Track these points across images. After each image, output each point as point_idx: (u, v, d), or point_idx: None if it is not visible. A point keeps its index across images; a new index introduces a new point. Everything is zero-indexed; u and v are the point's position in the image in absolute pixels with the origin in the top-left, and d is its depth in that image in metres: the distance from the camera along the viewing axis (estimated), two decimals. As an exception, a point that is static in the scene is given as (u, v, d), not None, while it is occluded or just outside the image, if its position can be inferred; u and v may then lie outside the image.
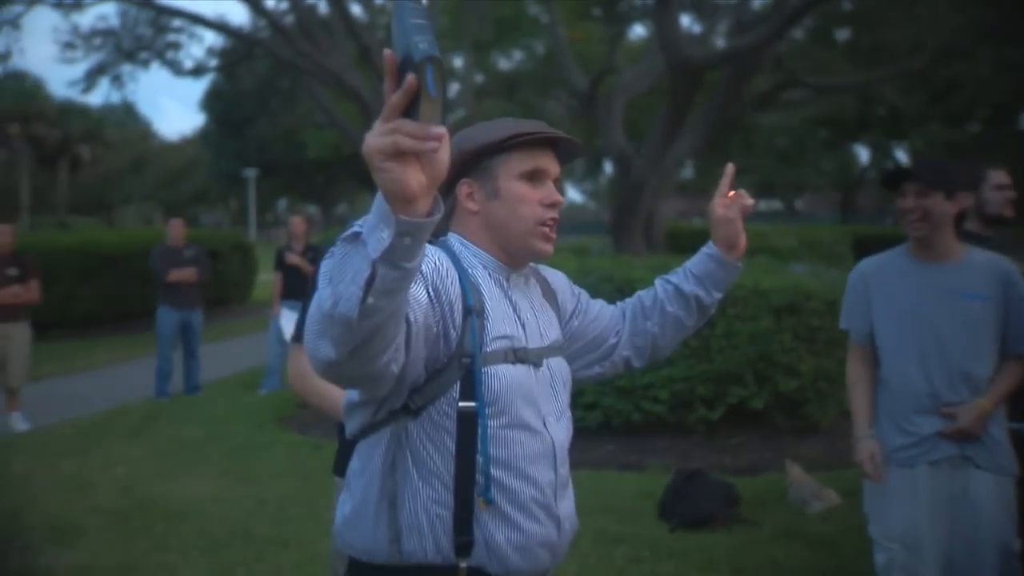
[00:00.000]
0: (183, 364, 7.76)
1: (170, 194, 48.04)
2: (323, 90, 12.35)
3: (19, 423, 6.65)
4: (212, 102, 37.60)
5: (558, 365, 1.60)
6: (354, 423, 1.48)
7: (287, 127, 32.23)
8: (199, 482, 5.30)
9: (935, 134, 32.93)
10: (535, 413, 1.50)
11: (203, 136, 42.86)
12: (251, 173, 29.40)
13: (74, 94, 55.44)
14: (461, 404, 1.41)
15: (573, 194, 50.51)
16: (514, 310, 1.53)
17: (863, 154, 41.88)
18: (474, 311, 1.43)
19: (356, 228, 1.11)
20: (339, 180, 38.94)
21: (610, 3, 15.33)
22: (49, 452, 5.98)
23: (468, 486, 1.41)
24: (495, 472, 1.43)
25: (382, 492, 1.43)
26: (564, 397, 1.58)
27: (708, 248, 1.81)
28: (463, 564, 1.42)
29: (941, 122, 33.36)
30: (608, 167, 41.53)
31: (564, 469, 1.54)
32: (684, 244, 10.29)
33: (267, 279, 16.57)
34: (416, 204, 1.05)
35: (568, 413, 1.60)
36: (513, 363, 1.48)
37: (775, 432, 5.78)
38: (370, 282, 1.08)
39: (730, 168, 1.79)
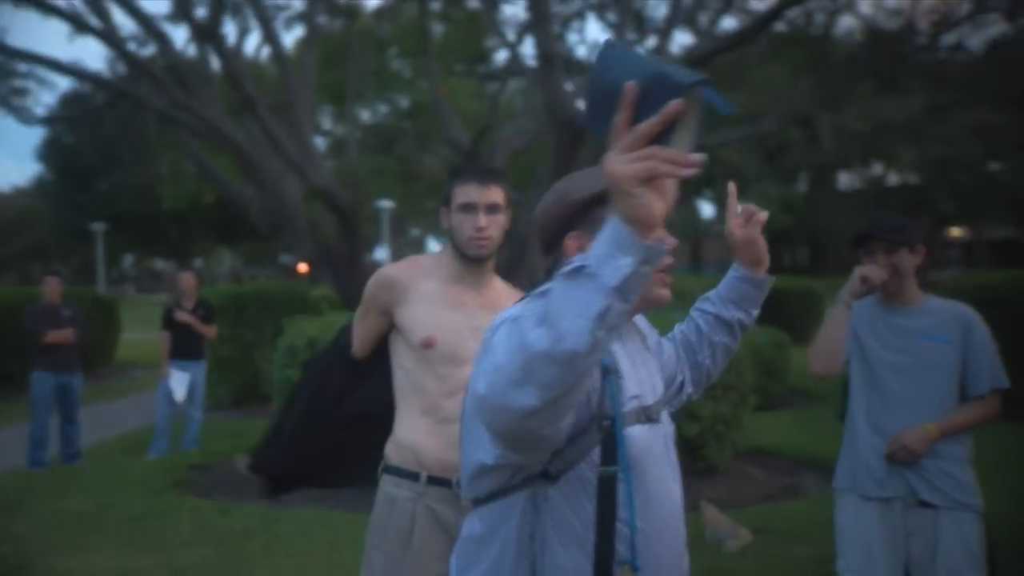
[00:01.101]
0: (60, 431, 7.25)
1: (1, 249, 44.60)
2: (194, 141, 12.02)
3: None
4: (50, 152, 35.43)
5: (666, 418, 1.57)
6: (482, 487, 1.42)
7: (139, 178, 30.87)
8: (100, 555, 4.97)
9: (769, 191, 35.72)
10: (663, 473, 1.48)
11: (38, 188, 40.22)
12: (99, 227, 27.81)
13: None
14: (602, 468, 1.36)
15: (435, 246, 50.89)
16: (632, 365, 1.49)
17: (707, 208, 44.58)
18: (611, 370, 1.38)
19: (577, 263, 1.08)
20: (195, 234, 37.44)
21: (480, 60, 15.80)
22: (-84, 533, 5.44)
23: (608, 552, 1.36)
24: (637, 538, 1.38)
25: (518, 560, 1.37)
26: (674, 452, 1.56)
27: (735, 271, 1.82)
28: None
29: (774, 180, 36.26)
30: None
31: (684, 527, 1.53)
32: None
33: (133, 338, 15.78)
34: (656, 231, 1.07)
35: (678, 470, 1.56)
36: (644, 423, 1.45)
37: (678, 474, 6.07)
38: (602, 315, 1.06)
39: (732, 187, 1.80)
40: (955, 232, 43.79)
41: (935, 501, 2.59)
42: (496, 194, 2.25)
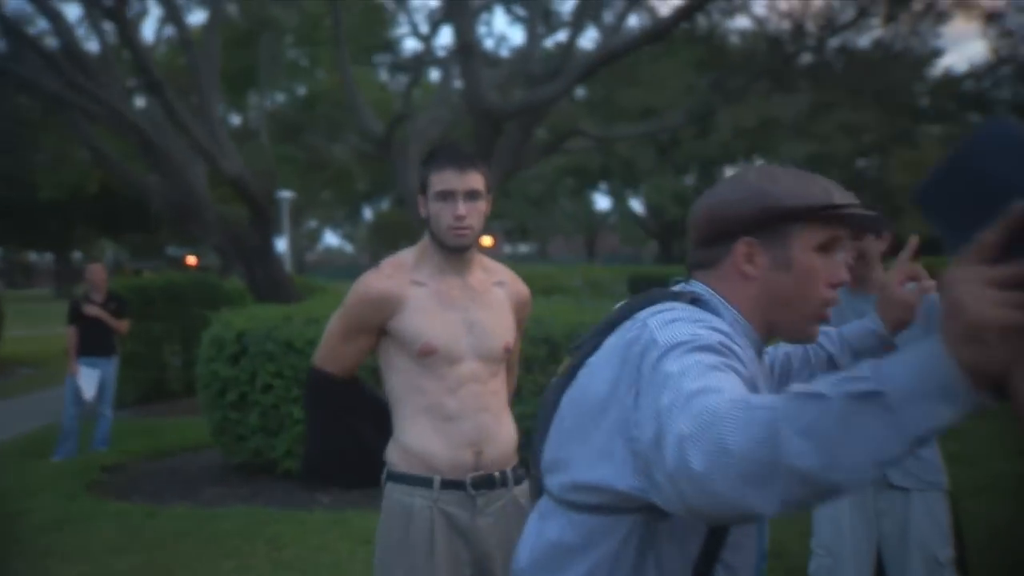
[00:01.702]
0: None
1: None
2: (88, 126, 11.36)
3: None
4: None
5: None
6: (589, 497, 1.29)
7: (12, 165, 28.88)
8: (18, 566, 4.65)
9: (662, 184, 36.85)
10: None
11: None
12: (-32, 216, 25.90)
13: None
14: None
15: (331, 238, 49.96)
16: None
17: (603, 201, 45.52)
18: None
19: (873, 386, 0.86)
20: (76, 225, 35.37)
21: (386, 50, 15.59)
22: None
23: None
24: None
25: None
26: None
27: (872, 323, 1.74)
28: None
29: (666, 174, 37.42)
30: (367, 212, 41.57)
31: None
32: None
33: (17, 335, 14.81)
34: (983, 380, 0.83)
35: None
36: None
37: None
38: (891, 461, 0.87)
39: (913, 242, 1.71)
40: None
41: (906, 484, 2.69)
42: (475, 180, 2.13)
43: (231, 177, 8.94)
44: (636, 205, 42.52)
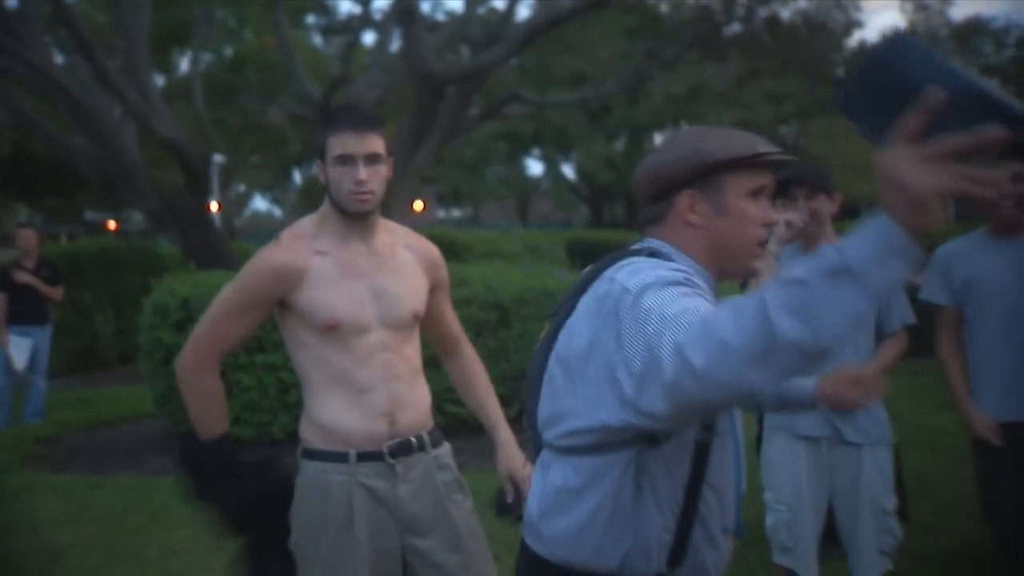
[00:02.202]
0: None
1: None
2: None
3: None
4: None
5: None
6: (584, 439, 1.44)
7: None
8: (-41, 541, 4.53)
9: (592, 149, 37.15)
10: (731, 442, 1.60)
11: None
12: None
13: None
14: (699, 435, 1.44)
15: (260, 202, 48.78)
16: None
17: (535, 167, 45.61)
18: None
19: (840, 263, 1.04)
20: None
21: (321, 12, 15.25)
22: None
23: (692, 512, 1.46)
24: (714, 498, 1.48)
25: (614, 514, 1.43)
26: (737, 424, 1.69)
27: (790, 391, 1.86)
28: (666, 573, 1.46)
29: (597, 140, 37.73)
30: (296, 175, 40.71)
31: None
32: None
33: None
34: (925, 237, 1.04)
35: None
36: None
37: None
38: (862, 318, 1.06)
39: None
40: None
41: (859, 440, 2.85)
42: (375, 143, 2.03)
43: (165, 140, 8.67)
44: (568, 171, 42.74)
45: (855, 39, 36.70)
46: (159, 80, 21.44)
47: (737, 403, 1.31)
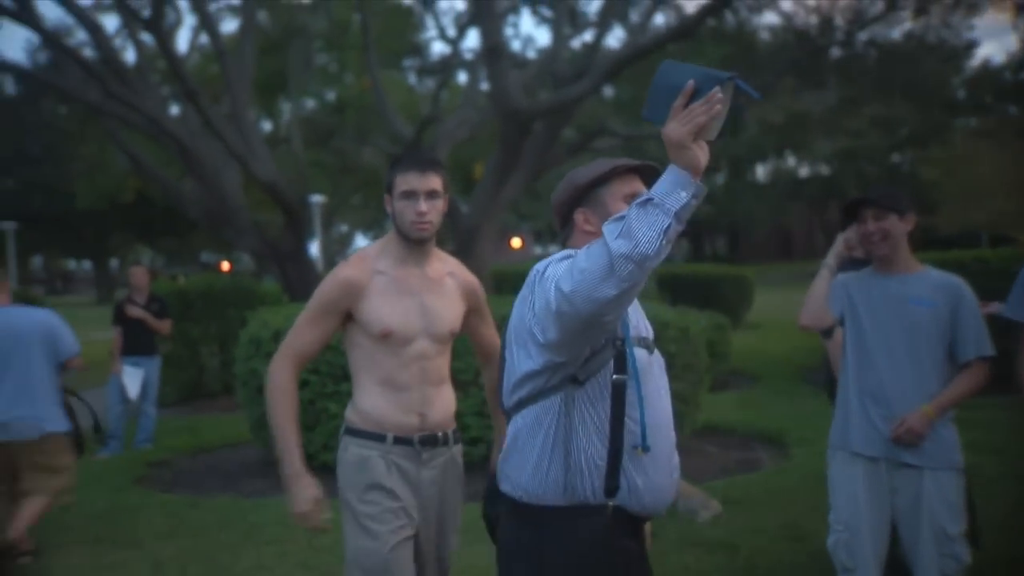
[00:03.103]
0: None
1: None
2: (123, 135, 11.70)
3: None
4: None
5: (659, 355, 2.02)
6: (524, 391, 1.88)
7: (51, 175, 29.59)
8: (74, 553, 4.88)
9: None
10: (659, 387, 1.94)
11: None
12: (9, 226, 26.56)
13: None
14: (615, 376, 1.83)
15: (362, 241, 50.31)
16: (632, 308, 1.94)
17: (632, 200, 45.40)
18: None
19: (646, 197, 1.60)
20: (113, 232, 36.08)
21: (414, 54, 15.80)
22: None
23: (619, 441, 1.82)
24: (646, 426, 1.83)
25: (555, 446, 1.83)
26: (666, 381, 2.01)
27: None
28: (611, 503, 1.83)
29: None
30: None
31: (673, 432, 1.98)
32: (509, 286, 10.76)
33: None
34: (700, 176, 1.61)
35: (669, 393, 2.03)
36: (641, 347, 1.90)
37: (639, 452, 6.28)
38: (666, 230, 1.57)
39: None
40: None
41: (918, 463, 2.79)
42: (435, 181, 2.44)
43: (264, 182, 9.19)
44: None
45: (976, 59, 35.20)
46: (266, 125, 22.69)
47: (603, 312, 1.64)
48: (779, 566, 4.24)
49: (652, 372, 1.91)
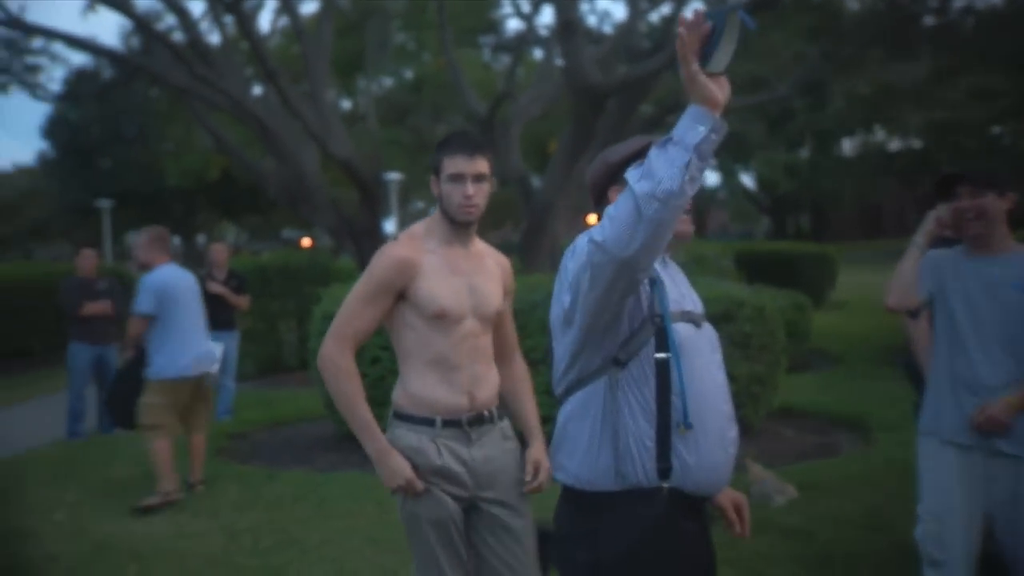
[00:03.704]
0: (99, 402, 7.34)
1: (2, 228, 44.40)
2: (209, 115, 12.00)
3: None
4: (57, 129, 35.20)
5: (710, 329, 1.98)
6: (571, 377, 1.88)
7: (144, 154, 30.73)
8: (155, 520, 5.07)
9: (774, 158, 35.58)
10: (709, 363, 1.89)
11: (43, 166, 40.05)
12: (105, 204, 27.73)
13: None
14: (657, 355, 1.80)
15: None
16: (672, 282, 1.93)
17: (711, 177, 44.43)
18: (657, 280, 1.85)
19: (665, 137, 1.61)
20: (200, 210, 37.34)
21: (489, 31, 15.72)
22: (-34, 503, 5.53)
23: (666, 420, 1.79)
24: (689, 405, 1.79)
25: (604, 428, 1.81)
26: (719, 355, 1.95)
27: None
28: (665, 485, 1.79)
29: (778, 148, 36.11)
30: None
31: (729, 405, 1.92)
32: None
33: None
34: (719, 110, 1.60)
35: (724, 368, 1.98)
36: (685, 322, 1.87)
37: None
38: (687, 165, 1.57)
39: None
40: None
41: (1014, 451, 2.62)
42: (482, 164, 2.43)
43: (340, 159, 9.29)
44: (747, 180, 41.38)
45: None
46: (345, 103, 22.99)
47: (635, 258, 1.65)
48: (858, 555, 4.08)
49: (699, 347, 1.87)
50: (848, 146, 44.70)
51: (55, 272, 11.10)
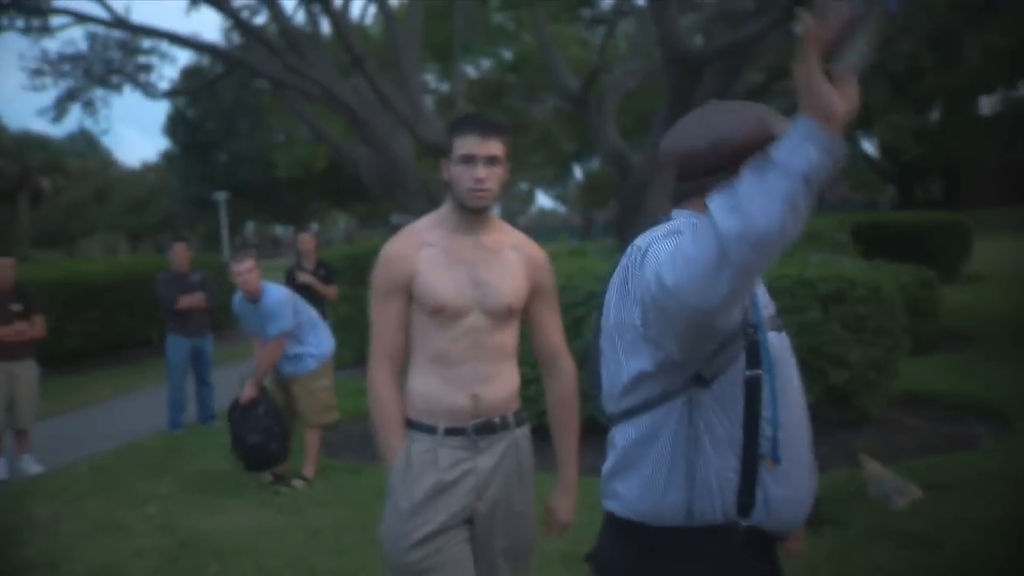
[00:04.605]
0: (196, 393, 7.45)
1: (134, 222, 47.13)
2: (307, 106, 12.10)
3: (32, 466, 6.30)
4: (176, 126, 36.95)
5: (784, 334, 1.66)
6: (637, 396, 1.54)
7: (256, 147, 31.79)
8: (240, 515, 5.03)
9: (899, 122, 33.35)
10: (792, 376, 1.58)
11: (167, 161, 42.17)
12: (221, 196, 28.86)
13: (42, 124, 54.58)
14: (748, 372, 1.49)
15: (543, 200, 50.59)
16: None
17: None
18: None
19: (763, 159, 1.22)
20: (310, 199, 38.46)
21: (585, 4, 15.25)
22: (70, 494, 5.66)
23: (754, 449, 1.49)
24: (779, 434, 1.51)
25: (675, 461, 1.51)
26: (794, 361, 1.64)
27: None
28: (743, 523, 1.50)
29: (904, 111, 33.81)
30: (577, 172, 41.57)
31: (808, 422, 1.62)
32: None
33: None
34: (838, 127, 1.21)
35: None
36: (775, 330, 1.56)
37: (825, 426, 5.58)
38: (790, 197, 1.19)
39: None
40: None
41: None
42: (495, 146, 2.25)
43: (429, 143, 9.12)
44: (868, 147, 39.17)
45: None
46: (444, 86, 22.96)
47: (714, 312, 1.29)
48: (994, 568, 3.57)
49: (785, 357, 1.57)
50: (986, 105, 41.41)
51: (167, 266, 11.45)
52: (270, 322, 5.47)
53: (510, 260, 2.36)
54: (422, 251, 2.29)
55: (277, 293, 5.56)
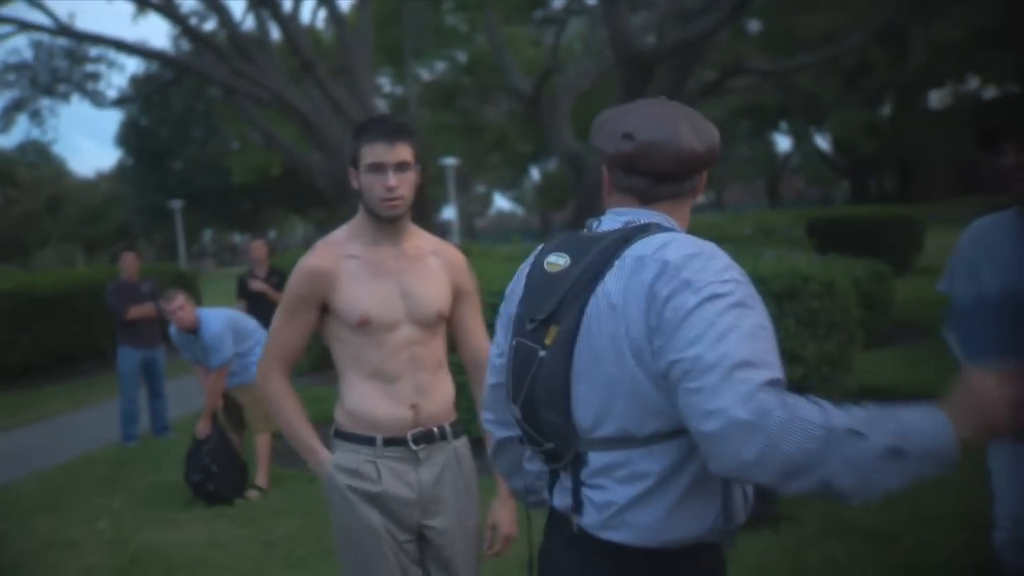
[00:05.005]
0: (149, 405, 7.29)
1: (90, 232, 46.23)
2: (259, 112, 11.93)
3: (-23, 484, 6.12)
4: (129, 135, 36.30)
5: None
6: (662, 420, 1.41)
7: (211, 154, 31.34)
8: (192, 528, 4.93)
9: (851, 117, 33.83)
10: None
11: (120, 171, 41.41)
12: (177, 204, 28.41)
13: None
14: None
15: (501, 202, 50.55)
16: None
17: (783, 142, 42.92)
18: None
19: (898, 443, 1.20)
20: (267, 206, 38.00)
21: (537, 5, 15.28)
22: (18, 511, 5.51)
23: None
24: None
25: (709, 493, 1.45)
26: None
27: None
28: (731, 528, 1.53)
29: (856, 105, 34.29)
30: (535, 173, 41.58)
31: None
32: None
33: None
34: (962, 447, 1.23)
35: None
36: None
37: (781, 420, 5.66)
38: (891, 490, 1.21)
39: None
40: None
41: None
42: (405, 151, 2.17)
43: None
44: (822, 143, 39.74)
45: None
46: (398, 89, 22.81)
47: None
48: (950, 562, 3.60)
49: None
50: (936, 99, 42.13)
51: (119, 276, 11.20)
52: (211, 354, 5.46)
53: (432, 267, 2.32)
54: (344, 264, 2.22)
55: (215, 324, 5.47)
